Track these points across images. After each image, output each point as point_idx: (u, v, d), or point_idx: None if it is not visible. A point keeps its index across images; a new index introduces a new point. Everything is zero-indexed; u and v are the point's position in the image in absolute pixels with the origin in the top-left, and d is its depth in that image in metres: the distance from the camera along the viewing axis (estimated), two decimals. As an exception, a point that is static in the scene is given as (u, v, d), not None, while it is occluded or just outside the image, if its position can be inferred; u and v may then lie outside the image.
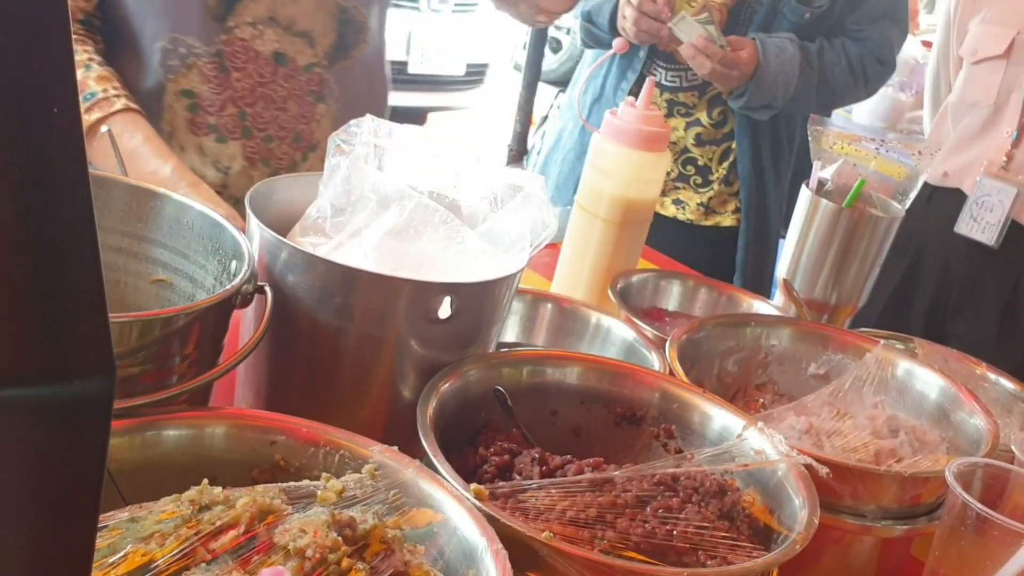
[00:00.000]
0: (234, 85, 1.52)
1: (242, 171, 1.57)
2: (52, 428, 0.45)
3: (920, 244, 2.03)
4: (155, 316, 0.87)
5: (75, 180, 0.47)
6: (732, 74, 2.00)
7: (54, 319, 0.45)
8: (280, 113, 1.57)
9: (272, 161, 1.60)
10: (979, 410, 1.20)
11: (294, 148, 1.61)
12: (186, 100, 1.52)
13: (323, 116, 1.63)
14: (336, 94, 1.63)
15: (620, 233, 1.49)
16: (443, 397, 0.99)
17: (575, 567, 0.82)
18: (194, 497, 0.75)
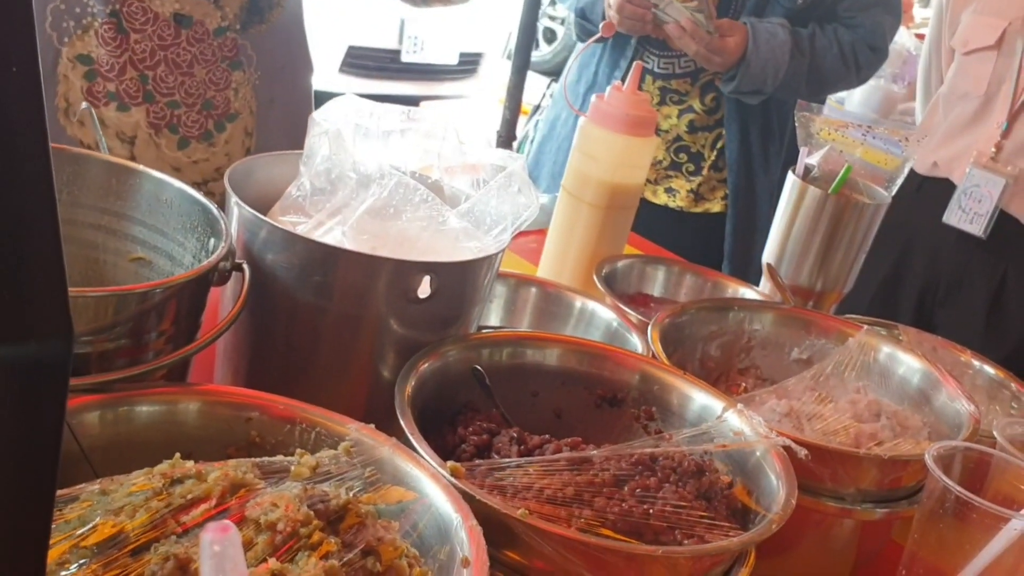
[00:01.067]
0: (133, 47, 1.47)
1: (148, 140, 1.53)
2: (8, 389, 0.45)
3: (909, 234, 2.03)
4: (131, 291, 0.87)
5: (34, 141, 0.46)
6: (715, 59, 2.00)
7: (10, 281, 0.45)
8: (186, 78, 1.51)
9: (180, 128, 1.54)
10: (961, 395, 1.20)
11: (204, 115, 1.56)
12: (82, 67, 1.46)
13: (241, 84, 1.57)
14: (255, 62, 1.57)
15: (606, 218, 1.49)
16: (422, 377, 0.99)
17: (551, 545, 0.82)
18: (166, 471, 0.75)
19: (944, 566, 1.01)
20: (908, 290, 2.08)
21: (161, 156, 1.54)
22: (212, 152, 1.57)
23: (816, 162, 1.52)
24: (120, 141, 1.52)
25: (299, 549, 0.72)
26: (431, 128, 1.06)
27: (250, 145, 1.60)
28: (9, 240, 0.45)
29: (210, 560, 0.41)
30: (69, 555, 0.66)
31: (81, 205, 1.06)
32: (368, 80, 5.40)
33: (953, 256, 2.00)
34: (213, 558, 0.41)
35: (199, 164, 1.57)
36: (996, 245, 1.93)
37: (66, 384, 0.47)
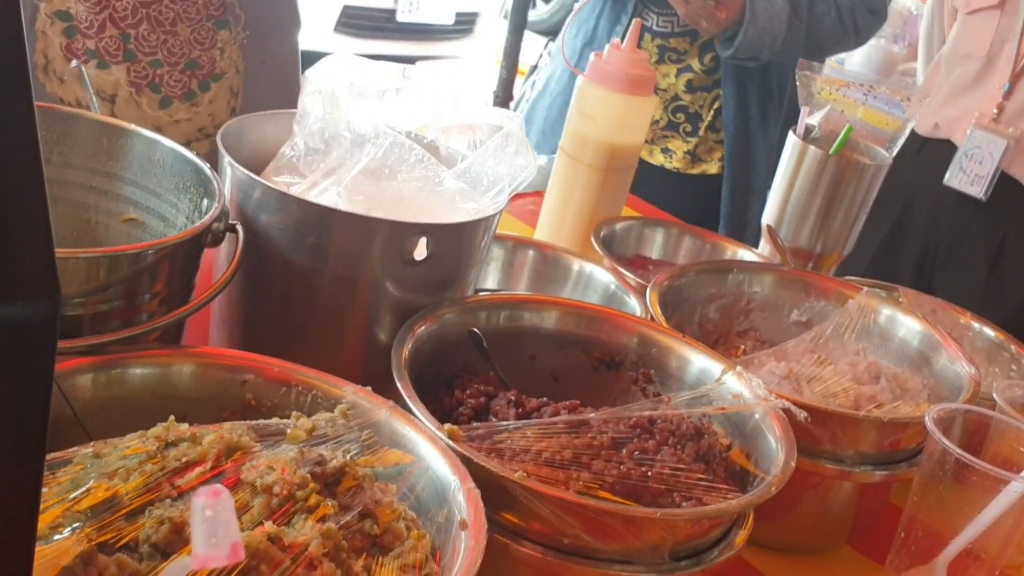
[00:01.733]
0: (114, 5, 1.43)
1: (128, 99, 1.50)
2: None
3: (909, 196, 2.02)
4: (123, 252, 0.85)
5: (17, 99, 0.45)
6: (702, 24, 1.97)
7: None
8: (169, 37, 1.48)
9: (162, 87, 1.51)
10: (961, 357, 1.19)
11: (187, 75, 1.53)
12: (61, 23, 1.43)
13: (227, 44, 1.54)
14: (243, 21, 1.54)
15: (604, 179, 1.48)
16: (419, 340, 0.98)
17: (549, 507, 0.81)
18: (160, 433, 0.74)
19: (943, 528, 1.01)
20: (907, 253, 2.07)
21: (142, 115, 1.52)
22: (195, 112, 1.54)
23: (817, 122, 1.50)
24: (100, 99, 1.49)
25: (296, 512, 0.71)
26: (427, 87, 1.04)
27: (236, 105, 1.58)
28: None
29: (202, 524, 0.40)
30: (62, 519, 0.66)
31: (72, 166, 1.04)
32: (363, 40, 5.34)
33: (953, 218, 1.99)
34: (205, 522, 0.40)
35: (181, 124, 1.55)
36: (996, 208, 1.92)
37: (54, 345, 0.45)
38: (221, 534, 0.40)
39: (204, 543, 0.40)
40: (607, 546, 0.83)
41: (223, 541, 0.40)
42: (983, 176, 1.90)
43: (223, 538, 0.40)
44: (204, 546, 0.40)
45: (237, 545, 0.40)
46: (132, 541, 0.66)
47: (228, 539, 0.40)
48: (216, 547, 0.40)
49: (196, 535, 0.40)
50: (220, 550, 0.40)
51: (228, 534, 0.40)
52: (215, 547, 0.40)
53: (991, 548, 1.00)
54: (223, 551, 0.40)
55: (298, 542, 0.67)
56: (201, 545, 0.40)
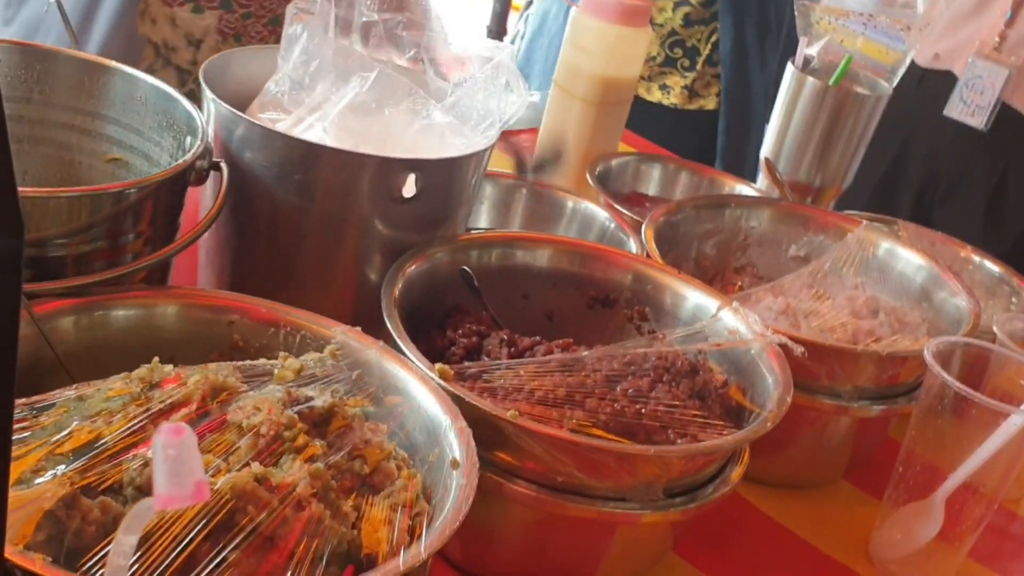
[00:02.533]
0: None
1: (214, 46, 1.50)
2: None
3: (909, 129, 1.99)
4: (104, 191, 0.84)
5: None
6: None
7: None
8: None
9: (244, 38, 1.52)
10: (961, 290, 1.17)
11: (268, 30, 1.54)
12: None
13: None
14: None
15: (599, 114, 1.45)
16: (409, 279, 0.97)
17: (542, 445, 0.81)
18: (144, 375, 0.73)
19: (941, 463, 1.00)
20: (907, 186, 2.05)
21: None
22: None
23: (815, 53, 1.47)
24: (187, 43, 1.48)
25: (283, 453, 0.70)
26: (415, 18, 1.02)
27: None
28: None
29: (164, 463, 0.39)
30: (45, 462, 0.65)
31: (53, 105, 1.02)
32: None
33: (953, 152, 1.96)
34: (167, 461, 0.39)
35: None
36: (997, 140, 1.89)
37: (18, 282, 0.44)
38: (184, 473, 0.38)
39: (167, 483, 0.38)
40: (601, 484, 0.82)
41: (187, 480, 0.38)
42: (984, 107, 1.87)
43: (186, 477, 0.38)
44: (167, 486, 0.38)
45: (202, 483, 0.39)
46: (116, 484, 0.65)
47: (192, 478, 0.39)
48: (179, 486, 0.38)
49: (158, 475, 0.39)
50: (184, 489, 0.39)
51: (192, 472, 0.39)
52: (178, 486, 0.38)
53: (989, 482, 0.99)
54: (187, 490, 0.39)
55: (286, 482, 0.66)
56: (163, 485, 0.38)
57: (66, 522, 0.61)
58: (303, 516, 0.65)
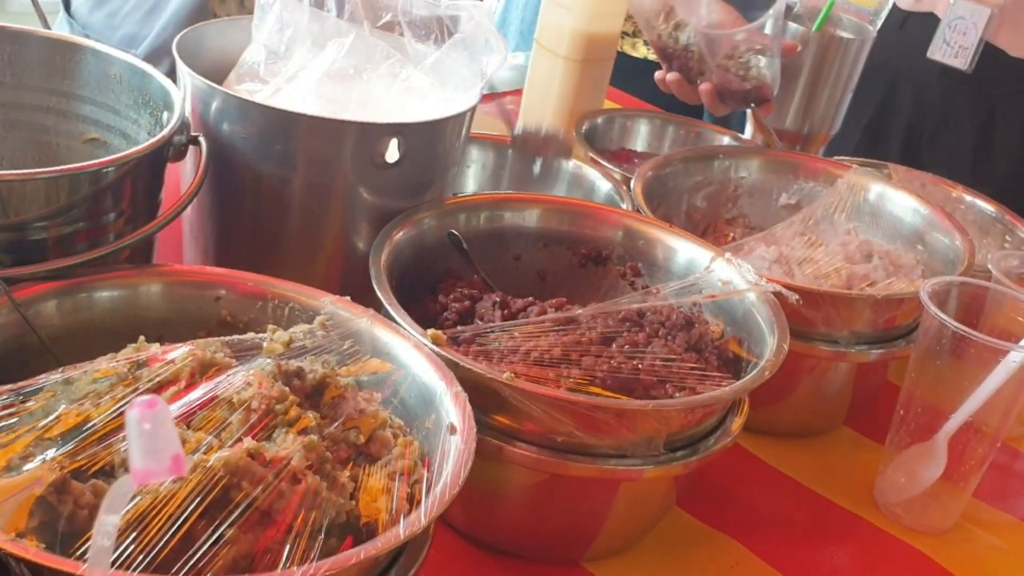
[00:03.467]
0: None
1: None
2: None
3: (893, 73, 1.97)
4: (82, 170, 0.82)
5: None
6: None
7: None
8: None
9: None
10: (954, 230, 1.17)
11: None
12: None
13: None
14: None
15: (583, 71, 1.43)
16: (397, 246, 0.95)
17: (539, 406, 0.80)
18: (131, 355, 0.72)
19: (942, 404, 0.99)
20: (895, 130, 2.03)
21: None
22: None
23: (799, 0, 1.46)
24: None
25: (276, 426, 0.69)
26: (388, -19, 1.00)
27: None
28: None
29: (139, 438, 0.38)
30: (33, 447, 0.64)
31: (26, 87, 1.00)
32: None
33: (939, 93, 1.95)
34: (142, 436, 0.38)
35: None
36: (982, 80, 1.87)
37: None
38: (160, 447, 0.37)
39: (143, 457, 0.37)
40: (601, 441, 0.81)
41: (163, 454, 0.37)
42: (967, 47, 1.85)
43: (163, 451, 0.37)
44: (143, 461, 0.37)
45: (178, 457, 0.38)
46: (107, 466, 0.64)
47: (168, 451, 0.38)
48: (156, 460, 0.37)
49: (133, 450, 0.38)
50: (161, 463, 0.38)
51: (168, 446, 0.38)
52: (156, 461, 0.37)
53: (991, 421, 0.99)
54: (164, 464, 0.38)
55: (280, 456, 0.65)
56: (139, 460, 0.37)
57: (58, 507, 0.61)
58: (299, 489, 0.65)
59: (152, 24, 1.42)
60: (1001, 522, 1.06)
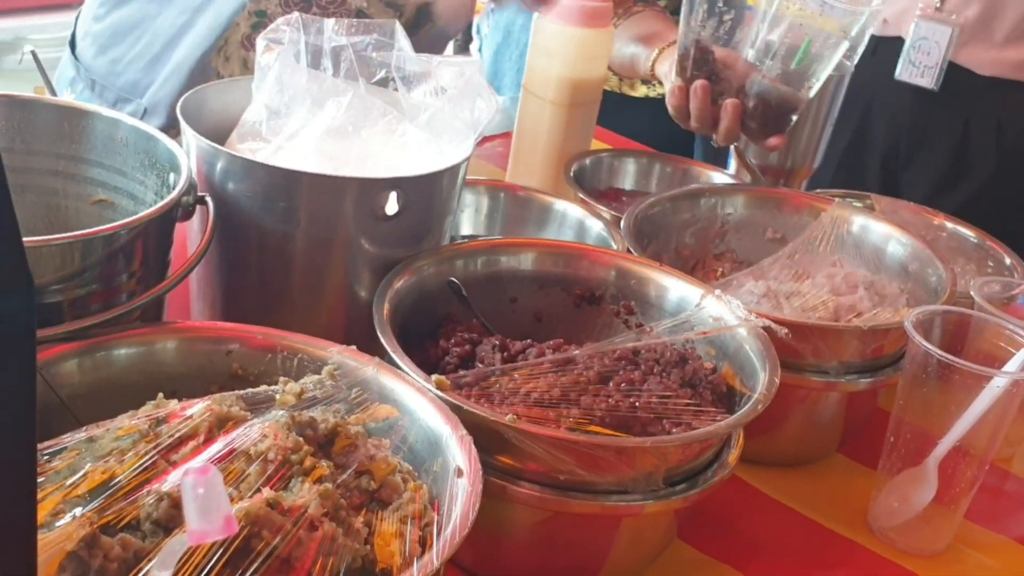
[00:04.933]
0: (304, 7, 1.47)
1: None
2: (-26, 350, 0.44)
3: (868, 98, 2.01)
4: (95, 234, 0.85)
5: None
6: None
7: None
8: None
9: None
10: (936, 259, 1.20)
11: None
12: (255, 18, 1.46)
13: None
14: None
15: (570, 115, 1.47)
16: (399, 294, 0.99)
17: (541, 446, 0.83)
18: (150, 412, 0.75)
19: (931, 429, 1.02)
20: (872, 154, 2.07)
21: None
22: None
23: (776, 38, 1.50)
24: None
25: (292, 476, 0.72)
26: (382, 39, 1.04)
27: None
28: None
29: (193, 502, 0.41)
30: (62, 505, 0.66)
31: (36, 152, 1.04)
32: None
33: (911, 115, 1.99)
34: (197, 500, 0.41)
35: None
36: (952, 98, 1.92)
37: (33, 338, 0.46)
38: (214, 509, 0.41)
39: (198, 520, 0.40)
40: (602, 478, 0.84)
41: (216, 516, 0.41)
42: (932, 66, 1.89)
43: (216, 512, 0.41)
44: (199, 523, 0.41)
45: (230, 518, 0.41)
46: (134, 520, 0.66)
47: (221, 513, 0.41)
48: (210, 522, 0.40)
49: (189, 513, 0.41)
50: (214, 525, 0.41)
51: (220, 508, 0.41)
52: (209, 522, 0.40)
53: (979, 443, 1.02)
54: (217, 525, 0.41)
55: (297, 505, 0.68)
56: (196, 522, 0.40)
57: (89, 561, 0.63)
58: (317, 536, 0.67)
59: (155, 74, 1.45)
60: (993, 542, 1.09)
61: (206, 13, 1.42)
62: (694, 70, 1.38)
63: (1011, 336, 1.04)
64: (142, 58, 1.47)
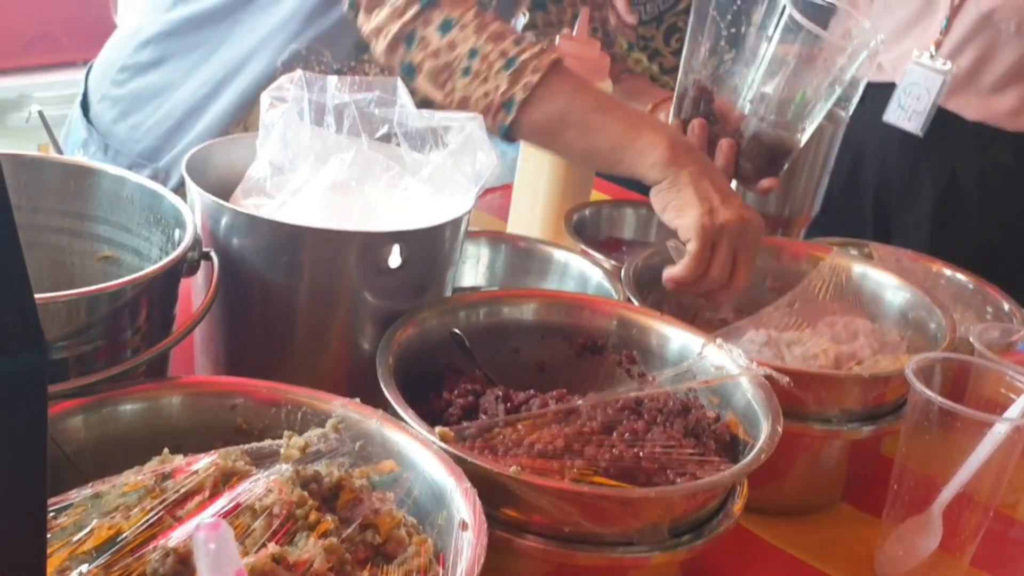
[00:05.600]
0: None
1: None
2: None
3: (859, 143, 2.03)
4: (101, 291, 0.86)
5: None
6: None
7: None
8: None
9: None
10: (935, 306, 1.21)
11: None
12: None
13: None
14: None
15: (569, 166, 1.49)
16: (402, 346, 0.99)
17: (546, 498, 0.83)
18: (156, 467, 0.75)
19: (934, 476, 1.02)
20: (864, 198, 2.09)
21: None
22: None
23: (772, 90, 1.52)
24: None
25: (297, 531, 0.72)
26: (384, 96, 1.05)
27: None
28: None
29: (206, 558, 0.41)
30: (69, 562, 0.67)
31: (41, 210, 1.05)
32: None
33: (900, 160, 2.01)
34: (208, 556, 0.41)
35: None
36: (941, 143, 1.94)
37: (45, 396, 0.47)
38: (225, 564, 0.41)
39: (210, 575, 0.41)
40: (607, 530, 0.84)
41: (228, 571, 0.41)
42: (920, 112, 1.92)
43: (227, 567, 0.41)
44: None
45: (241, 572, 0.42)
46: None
47: (232, 567, 0.41)
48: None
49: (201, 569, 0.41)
50: (226, 580, 0.41)
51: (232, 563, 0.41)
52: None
53: (983, 490, 1.02)
54: (228, 580, 0.41)
55: (303, 560, 0.68)
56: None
57: (96, 617, 0.63)
58: (323, 591, 0.68)
59: (175, 142, 1.46)
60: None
61: (230, 87, 1.43)
62: (692, 110, 1.39)
63: (1012, 382, 1.04)
64: (162, 126, 1.47)
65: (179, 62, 1.47)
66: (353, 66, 1.45)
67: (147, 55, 1.49)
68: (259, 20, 1.42)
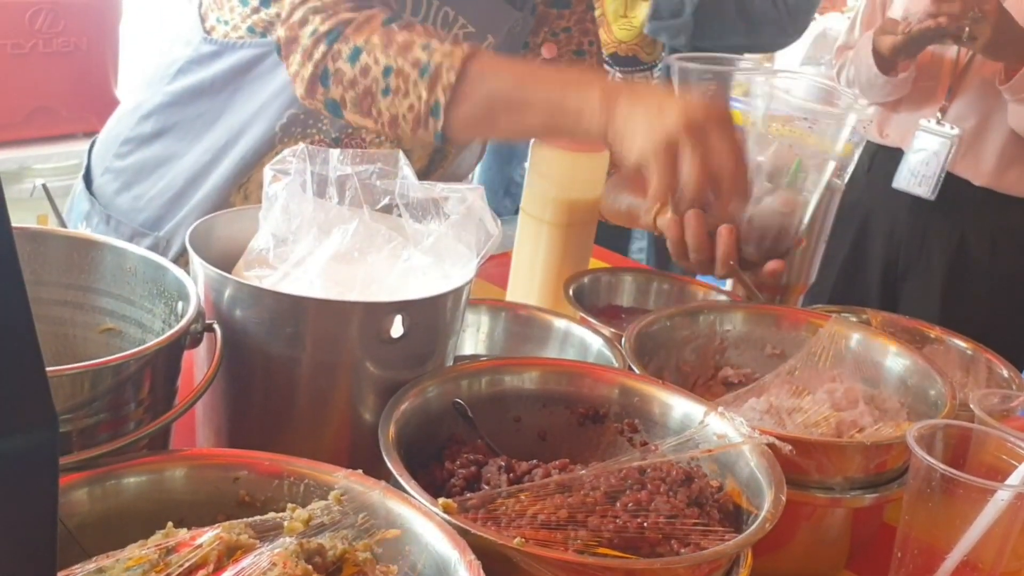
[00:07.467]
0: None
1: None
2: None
3: (866, 210, 2.05)
4: (105, 364, 0.86)
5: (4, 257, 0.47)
6: None
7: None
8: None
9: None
10: (934, 373, 1.21)
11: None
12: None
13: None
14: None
15: (567, 235, 1.50)
16: (404, 416, 0.99)
17: (550, 569, 0.82)
18: (160, 541, 0.75)
19: (938, 543, 1.02)
20: (872, 265, 2.10)
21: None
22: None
23: (766, 158, 1.54)
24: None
25: (302, 604, 0.72)
26: (386, 167, 1.07)
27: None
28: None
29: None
30: (73, 638, 0.66)
31: (45, 283, 1.05)
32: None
33: (909, 226, 2.03)
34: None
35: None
36: (950, 208, 1.96)
37: (56, 471, 0.47)
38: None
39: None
40: (612, 601, 0.84)
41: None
42: (930, 176, 1.95)
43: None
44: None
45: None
46: (144, 652, 0.66)
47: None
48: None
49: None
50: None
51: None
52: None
53: (987, 557, 1.01)
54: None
55: (308, 634, 0.68)
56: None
57: None
58: (328, 665, 0.67)
59: (176, 210, 1.47)
60: (1006, 659, 1.08)
61: (230, 153, 1.44)
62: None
63: (1013, 448, 1.05)
64: (164, 195, 1.49)
65: (181, 132, 1.49)
66: (350, 132, 1.47)
67: (149, 127, 1.50)
68: (258, 87, 1.44)
